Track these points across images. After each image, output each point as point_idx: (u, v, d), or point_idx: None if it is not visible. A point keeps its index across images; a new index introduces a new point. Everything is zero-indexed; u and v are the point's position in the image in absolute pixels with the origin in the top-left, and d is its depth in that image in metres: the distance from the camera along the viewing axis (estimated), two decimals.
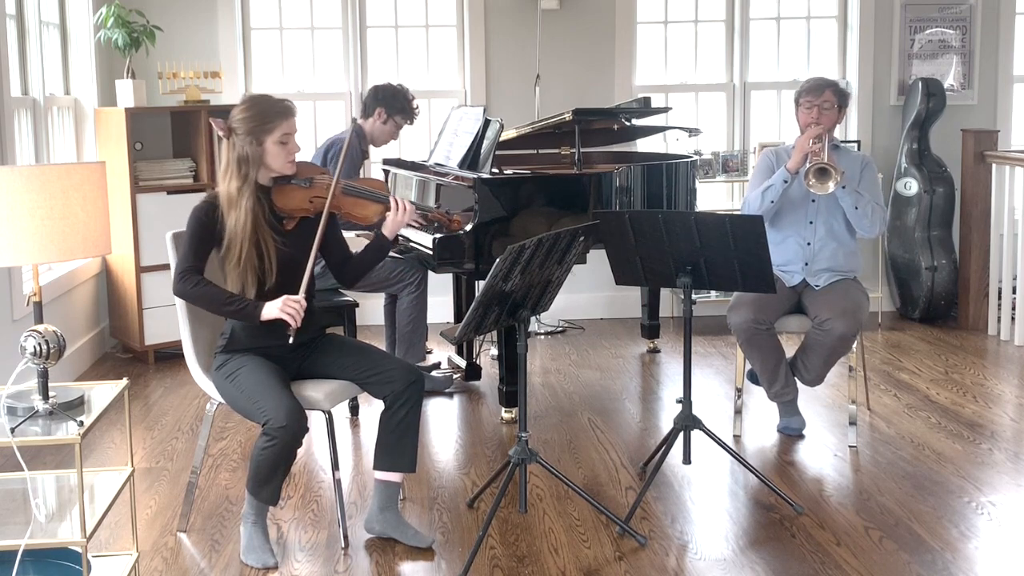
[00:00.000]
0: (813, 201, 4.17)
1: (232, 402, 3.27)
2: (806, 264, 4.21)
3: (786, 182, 4.10)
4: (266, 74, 6.43)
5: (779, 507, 3.64)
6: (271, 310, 3.16)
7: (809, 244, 4.20)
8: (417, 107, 5.15)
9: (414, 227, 4.31)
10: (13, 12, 5.02)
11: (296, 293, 3.21)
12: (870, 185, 4.22)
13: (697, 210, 5.53)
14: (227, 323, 3.32)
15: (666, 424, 4.56)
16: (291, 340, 3.18)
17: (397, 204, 3.39)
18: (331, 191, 3.29)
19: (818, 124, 4.15)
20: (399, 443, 3.32)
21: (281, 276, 3.22)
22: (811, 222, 4.20)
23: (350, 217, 3.41)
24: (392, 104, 5.04)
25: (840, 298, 4.08)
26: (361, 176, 3.54)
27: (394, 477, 3.39)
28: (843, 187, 4.08)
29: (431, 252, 4.49)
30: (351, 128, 4.04)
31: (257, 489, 3.20)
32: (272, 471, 3.16)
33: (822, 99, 4.17)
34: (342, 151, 3.55)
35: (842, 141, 6.22)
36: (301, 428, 3.11)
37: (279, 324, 3.19)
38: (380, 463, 3.36)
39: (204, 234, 3.22)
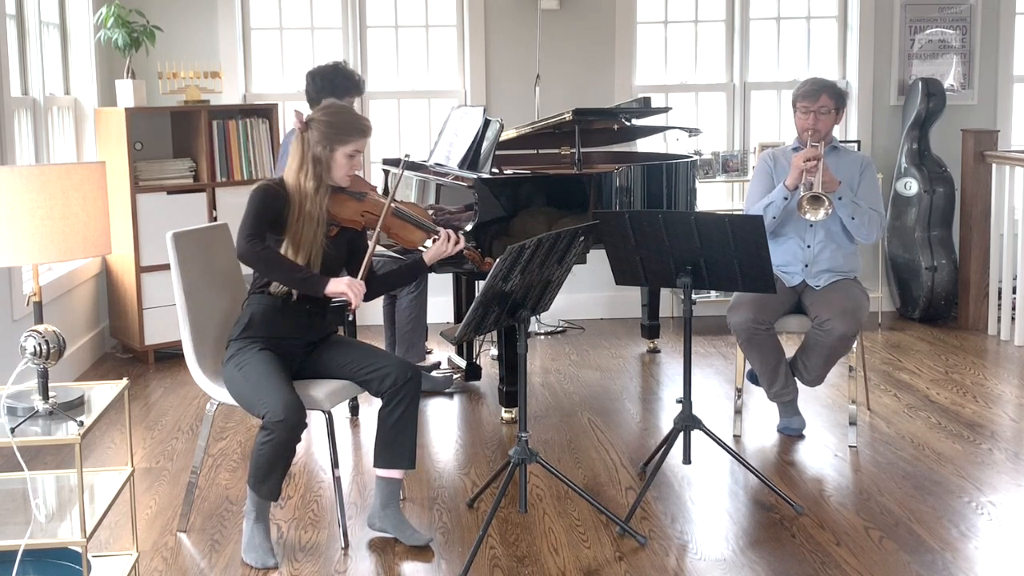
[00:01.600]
0: None
1: (235, 391, 3.29)
2: (806, 266, 4.21)
3: (786, 199, 4.11)
4: (266, 74, 6.43)
5: (779, 507, 3.64)
6: (338, 285, 3.27)
7: (809, 247, 4.20)
8: (360, 79, 4.76)
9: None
10: (13, 12, 5.02)
11: (319, 300, 3.37)
12: (869, 190, 4.21)
13: (697, 210, 5.53)
14: (245, 310, 3.38)
15: (666, 424, 4.56)
16: (350, 317, 3.48)
17: (447, 236, 3.49)
18: (384, 211, 3.43)
19: (815, 130, 4.14)
20: (397, 440, 3.34)
21: (322, 271, 3.34)
22: (811, 225, 4.20)
23: (396, 238, 3.56)
24: (336, 88, 4.63)
25: (840, 298, 4.08)
26: (411, 200, 3.72)
27: (394, 474, 3.39)
28: (839, 198, 4.08)
29: (474, 270, 4.47)
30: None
31: (258, 485, 3.21)
32: (272, 466, 3.17)
33: (818, 105, 4.15)
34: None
35: (842, 141, 6.22)
36: (299, 423, 3.13)
37: (300, 317, 3.36)
38: (380, 460, 3.37)
39: (268, 212, 3.29)
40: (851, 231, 4.18)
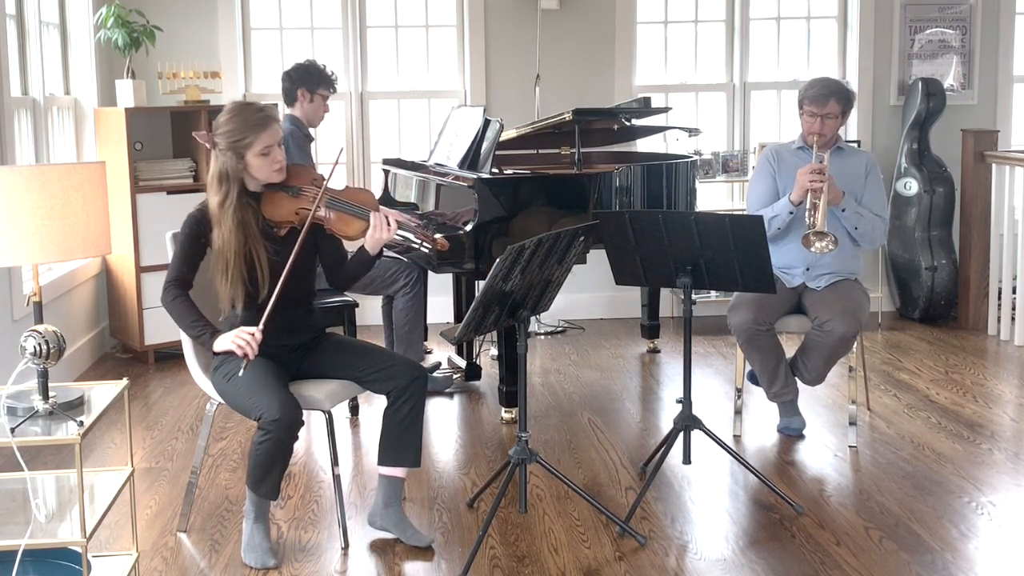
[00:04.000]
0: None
1: (230, 400, 3.28)
2: (807, 269, 4.18)
3: (791, 212, 4.07)
4: (266, 74, 6.43)
5: (779, 507, 3.64)
6: (223, 342, 3.17)
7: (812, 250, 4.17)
8: (333, 73, 4.91)
9: (399, 242, 4.21)
10: (13, 12, 5.02)
11: (294, 301, 3.26)
12: (873, 192, 4.19)
13: (697, 210, 5.53)
14: (225, 322, 3.33)
15: (666, 424, 4.56)
16: (240, 373, 3.14)
17: (379, 220, 3.31)
18: (315, 204, 3.26)
19: (821, 135, 4.12)
20: (403, 438, 3.33)
21: (273, 284, 3.21)
22: None
23: (334, 231, 3.35)
24: (309, 81, 4.82)
25: (840, 299, 4.07)
26: (347, 186, 3.49)
27: (398, 473, 3.39)
28: (843, 210, 4.07)
29: (429, 251, 4.49)
30: (285, 119, 4.01)
31: (256, 485, 3.21)
32: (270, 465, 3.17)
33: (826, 110, 4.12)
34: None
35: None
36: (295, 421, 3.12)
37: (280, 324, 3.22)
38: (384, 459, 3.37)
39: (193, 244, 3.25)
40: (855, 239, 4.17)
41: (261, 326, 3.17)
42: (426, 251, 4.45)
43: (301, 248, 3.22)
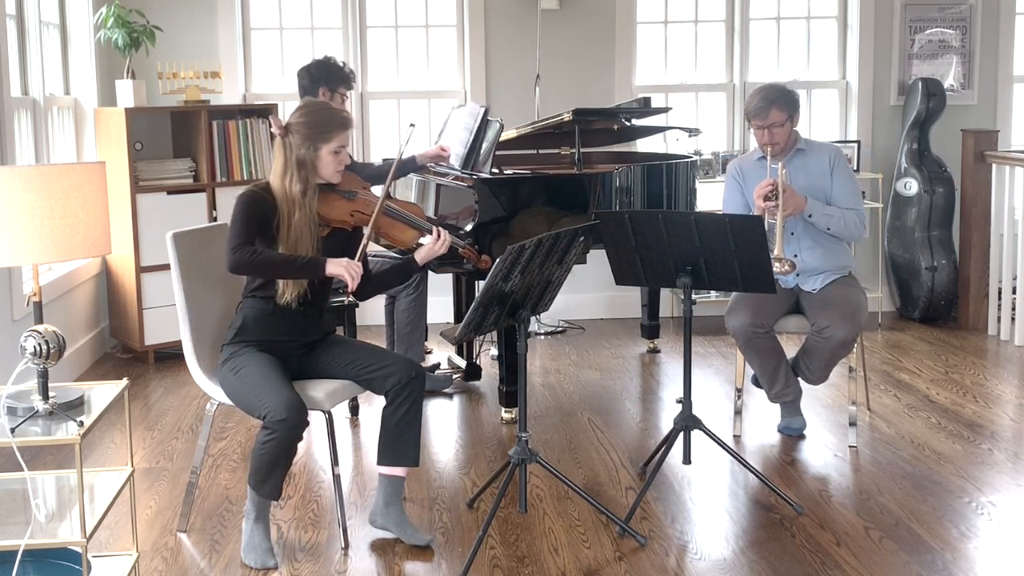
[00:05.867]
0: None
1: (234, 396, 3.28)
2: (797, 274, 4.16)
3: None
4: (266, 74, 6.43)
5: (779, 507, 3.64)
6: (336, 266, 3.25)
7: (796, 255, 4.15)
8: (352, 72, 4.91)
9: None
10: (13, 12, 5.02)
11: (314, 302, 3.37)
12: (842, 185, 4.13)
13: (697, 210, 5.53)
14: (238, 314, 3.37)
15: (666, 424, 4.56)
16: (346, 301, 3.38)
17: (437, 234, 3.44)
18: (376, 211, 3.36)
19: (773, 144, 4.08)
20: (402, 437, 3.34)
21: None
22: (792, 233, 4.14)
23: (387, 238, 3.51)
24: (331, 79, 4.81)
25: (838, 303, 4.04)
26: (400, 197, 3.63)
27: (398, 472, 3.40)
28: (809, 216, 4.05)
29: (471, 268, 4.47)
30: None
31: (259, 484, 3.21)
32: (273, 465, 3.17)
33: (769, 121, 4.08)
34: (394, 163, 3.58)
35: (842, 141, 6.20)
36: (300, 421, 3.13)
37: (295, 323, 3.35)
38: (384, 458, 3.37)
39: (254, 218, 3.26)
40: (835, 236, 4.15)
41: (358, 258, 3.28)
42: (469, 267, 4.45)
43: (367, 243, 3.36)
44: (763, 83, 4.59)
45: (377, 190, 3.67)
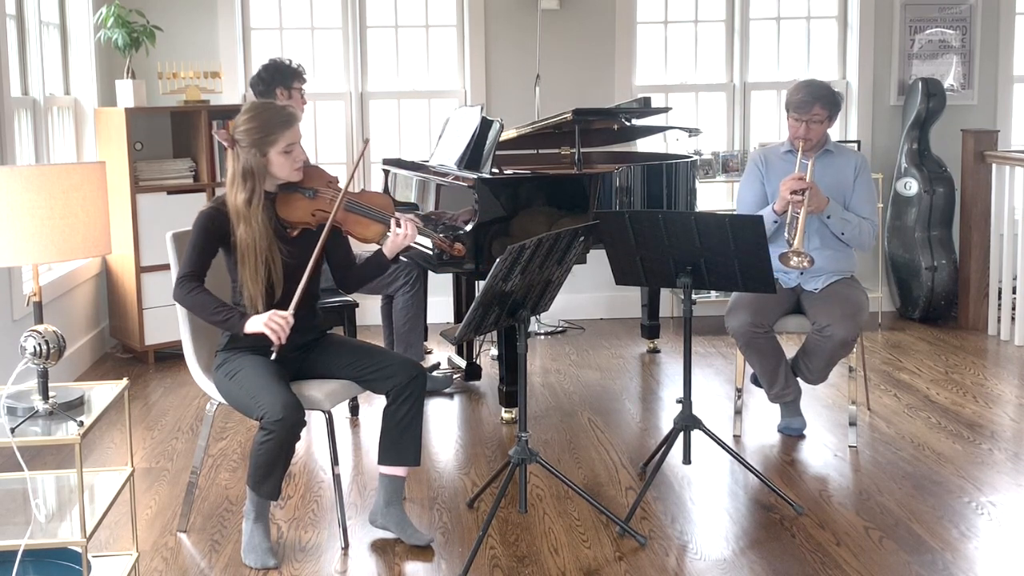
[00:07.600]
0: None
1: (231, 399, 3.28)
2: (801, 273, 4.17)
3: (776, 222, 4.07)
4: None
5: (779, 507, 3.64)
6: (255, 324, 3.16)
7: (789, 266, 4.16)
8: (300, 65, 4.89)
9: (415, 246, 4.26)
10: (13, 12, 5.02)
11: (303, 301, 3.23)
12: (862, 196, 4.17)
13: (697, 210, 5.53)
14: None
15: (666, 424, 4.56)
16: (273, 356, 3.16)
17: (400, 225, 3.35)
18: (335, 207, 3.27)
19: (807, 139, 4.10)
20: (403, 437, 3.33)
21: (287, 285, 3.24)
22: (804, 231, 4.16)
23: (351, 234, 3.39)
24: (284, 77, 4.81)
25: (839, 303, 4.05)
26: (364, 190, 3.49)
27: (399, 471, 3.39)
28: (828, 217, 4.06)
29: (431, 252, 4.49)
30: None
31: (258, 485, 3.21)
32: (271, 465, 3.17)
33: (810, 115, 4.09)
34: None
35: (842, 141, 6.20)
36: (298, 421, 3.12)
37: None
38: (385, 458, 3.37)
39: (209, 241, 3.22)
40: (844, 242, 4.17)
41: (292, 310, 3.17)
42: (434, 253, 4.45)
43: (321, 249, 3.25)
44: (764, 82, 4.59)
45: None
